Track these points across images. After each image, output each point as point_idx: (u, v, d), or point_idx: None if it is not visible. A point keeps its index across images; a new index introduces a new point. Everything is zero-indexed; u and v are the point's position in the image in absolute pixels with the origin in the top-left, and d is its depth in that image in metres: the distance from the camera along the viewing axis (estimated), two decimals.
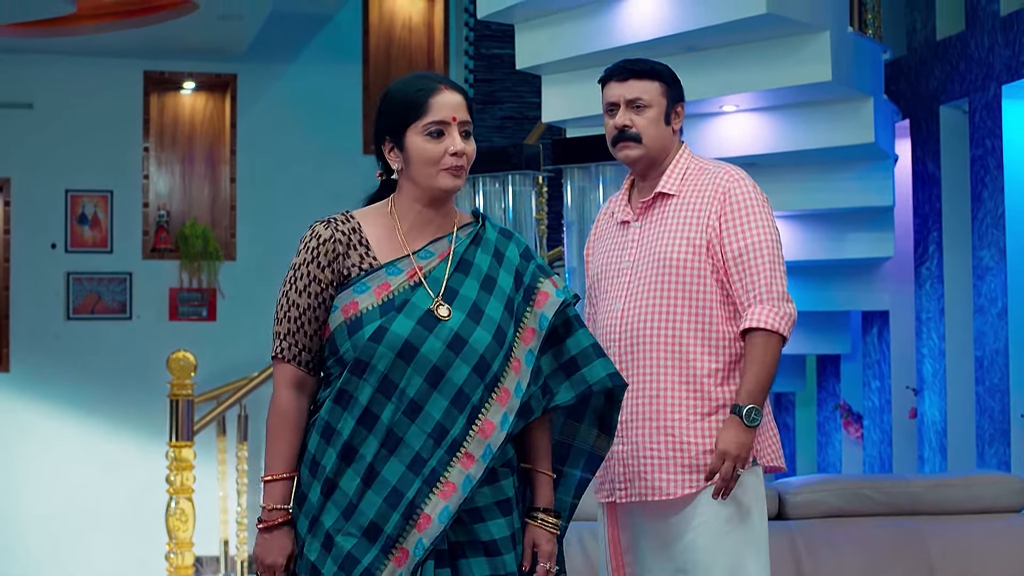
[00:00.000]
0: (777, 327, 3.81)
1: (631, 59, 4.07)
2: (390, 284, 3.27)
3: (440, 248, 3.34)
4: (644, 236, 3.99)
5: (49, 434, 10.68)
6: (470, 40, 11.31)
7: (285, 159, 10.97)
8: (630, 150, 3.99)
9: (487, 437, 3.23)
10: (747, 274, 3.86)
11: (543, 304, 3.38)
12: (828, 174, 7.49)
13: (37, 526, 10.56)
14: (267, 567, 3.26)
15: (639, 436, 3.91)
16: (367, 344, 3.20)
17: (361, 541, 3.18)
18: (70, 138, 10.86)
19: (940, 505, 5.22)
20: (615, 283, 4.00)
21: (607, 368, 3.42)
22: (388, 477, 3.19)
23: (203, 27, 9.90)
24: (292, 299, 3.29)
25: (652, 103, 3.98)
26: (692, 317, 3.88)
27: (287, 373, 3.31)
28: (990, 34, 7.61)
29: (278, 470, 3.28)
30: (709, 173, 4.00)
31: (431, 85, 3.31)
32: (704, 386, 3.88)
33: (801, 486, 5.20)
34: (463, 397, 3.21)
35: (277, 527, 3.27)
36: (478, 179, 7.19)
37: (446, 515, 3.19)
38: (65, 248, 10.87)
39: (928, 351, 8.23)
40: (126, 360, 10.79)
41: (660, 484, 3.87)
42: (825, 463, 9.22)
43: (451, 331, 3.22)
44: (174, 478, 7.30)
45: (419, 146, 3.28)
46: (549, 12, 7.37)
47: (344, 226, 3.32)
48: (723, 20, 6.60)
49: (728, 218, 3.89)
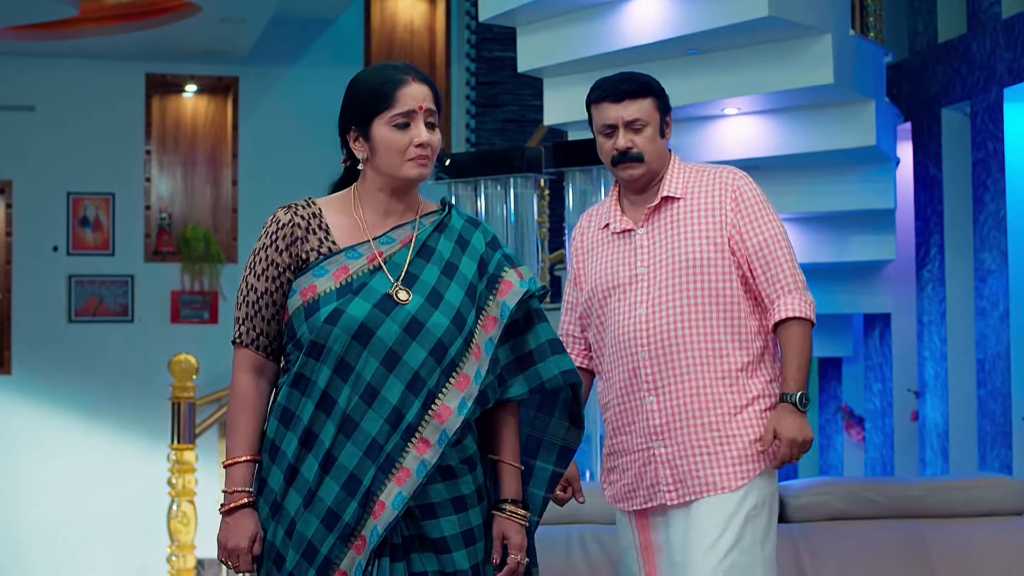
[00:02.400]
0: (808, 315, 3.94)
1: (620, 77, 4.07)
2: (349, 268, 3.26)
3: (402, 234, 3.34)
4: (655, 240, 4.00)
5: (51, 437, 10.68)
6: (472, 43, 11.32)
7: (287, 162, 10.97)
8: (633, 170, 4.01)
9: (443, 422, 3.21)
10: (771, 266, 3.95)
11: (506, 293, 3.38)
12: (830, 177, 7.50)
13: (39, 529, 10.56)
14: (230, 551, 3.23)
15: (684, 436, 3.93)
16: (323, 326, 3.19)
17: (320, 528, 3.17)
18: (72, 141, 10.87)
19: (942, 508, 5.22)
20: (631, 290, 4.00)
21: (561, 365, 3.41)
22: (345, 463, 3.17)
23: (205, 30, 9.90)
24: (251, 283, 3.30)
25: (649, 121, 4.01)
26: (721, 313, 3.94)
27: (246, 357, 3.30)
28: (992, 37, 7.61)
29: (237, 453, 3.26)
30: (709, 174, 4.06)
31: (398, 77, 3.30)
32: (739, 380, 3.94)
33: (803, 489, 5.20)
34: (419, 381, 3.20)
35: (239, 509, 3.24)
36: (480, 182, 7.19)
37: (399, 501, 3.17)
38: (67, 251, 10.87)
39: (930, 354, 8.23)
40: (128, 363, 10.79)
41: (715, 479, 3.90)
42: (827, 466, 9.21)
43: (408, 314, 3.22)
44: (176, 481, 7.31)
45: (385, 137, 3.28)
46: (551, 15, 7.37)
47: (304, 211, 3.32)
48: (725, 23, 6.61)
49: (744, 214, 3.96)
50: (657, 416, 3.94)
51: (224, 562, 3.27)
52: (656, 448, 3.94)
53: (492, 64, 11.34)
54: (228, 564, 3.26)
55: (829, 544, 5.04)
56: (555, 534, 4.91)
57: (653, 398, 3.94)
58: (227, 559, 3.25)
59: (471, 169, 7.25)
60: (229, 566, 3.26)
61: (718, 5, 6.65)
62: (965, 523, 5.19)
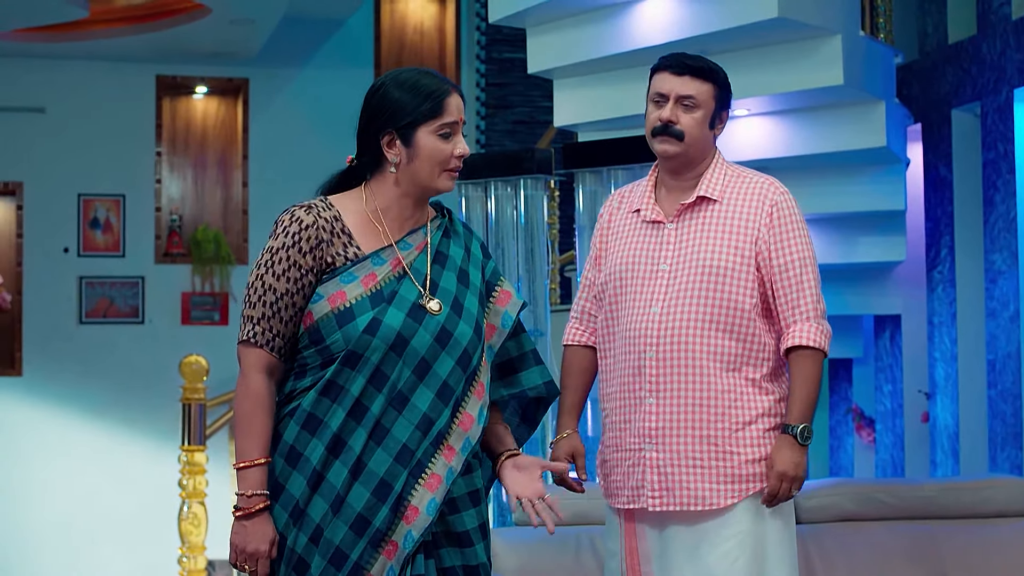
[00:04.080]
0: (822, 345, 3.84)
1: (689, 54, 3.98)
2: (376, 275, 3.27)
3: (417, 240, 3.36)
4: (683, 239, 3.91)
5: (61, 438, 10.70)
6: (482, 44, 11.33)
7: (297, 163, 10.95)
8: (670, 145, 3.90)
9: (467, 430, 3.28)
10: (793, 289, 3.85)
11: (506, 303, 3.45)
12: (840, 178, 7.48)
13: (49, 530, 10.58)
14: (250, 555, 3.22)
15: (679, 444, 3.84)
16: (362, 336, 3.19)
17: (349, 534, 3.17)
18: (83, 142, 10.88)
19: (952, 509, 5.22)
20: (649, 285, 3.91)
21: (544, 376, 3.51)
22: (375, 469, 3.19)
23: (215, 31, 9.92)
24: (269, 283, 3.25)
25: (702, 104, 3.90)
26: (736, 325, 3.84)
27: (259, 358, 3.27)
28: (1002, 38, 7.60)
29: (253, 455, 3.24)
30: (751, 181, 3.97)
31: (444, 86, 3.32)
32: (745, 395, 3.84)
33: (813, 490, 5.20)
34: (448, 389, 3.24)
35: (257, 513, 3.22)
36: (490, 183, 7.19)
37: (433, 507, 3.21)
38: (78, 252, 10.89)
39: (940, 355, 8.22)
40: (138, 364, 10.81)
41: (703, 494, 3.82)
42: (837, 467, 9.20)
43: (438, 324, 3.25)
44: (186, 482, 7.32)
45: (431, 145, 3.29)
46: (561, 16, 7.37)
47: (326, 212, 3.31)
48: (735, 24, 6.61)
49: (777, 231, 3.87)
50: (654, 419, 3.85)
51: (236, 565, 3.27)
52: (648, 451, 3.86)
53: (502, 65, 11.35)
54: (243, 568, 3.25)
55: (840, 545, 5.04)
56: (565, 535, 4.91)
57: (653, 400, 3.85)
58: (244, 563, 3.24)
59: (481, 170, 7.24)
60: (245, 570, 3.25)
61: (728, 6, 6.64)
62: (976, 524, 5.19)
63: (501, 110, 11.37)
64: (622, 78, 7.29)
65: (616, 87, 7.34)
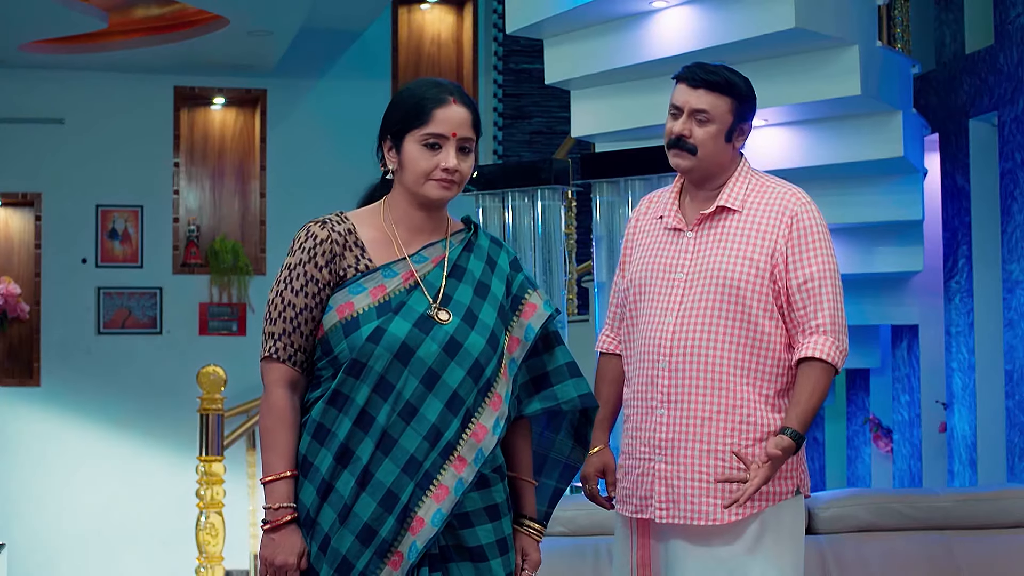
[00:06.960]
0: (836, 360, 3.74)
1: (710, 66, 3.90)
2: (386, 286, 3.27)
3: (434, 253, 3.35)
4: (700, 249, 3.86)
5: (79, 448, 10.72)
6: (499, 55, 11.34)
7: (314, 174, 10.99)
8: (682, 159, 3.87)
9: (480, 441, 3.25)
10: (811, 303, 3.76)
11: (530, 315, 3.41)
12: (857, 188, 7.47)
13: (68, 540, 10.60)
14: (278, 567, 3.22)
15: (687, 457, 3.80)
16: (365, 344, 3.19)
17: (355, 544, 3.17)
18: (101, 153, 10.91)
19: (970, 520, 5.21)
20: (665, 294, 3.87)
21: (580, 389, 3.46)
22: (382, 479, 3.18)
23: (233, 43, 9.94)
24: (288, 299, 3.27)
25: (715, 119, 3.84)
26: (752, 339, 3.78)
27: (282, 373, 3.29)
28: (1019, 47, 7.60)
29: (279, 468, 3.25)
30: (773, 191, 3.90)
31: (440, 96, 3.30)
32: (758, 411, 3.78)
33: (830, 500, 5.19)
34: (457, 400, 3.23)
35: (285, 525, 3.24)
36: (507, 194, 7.21)
37: (439, 518, 3.20)
38: (96, 263, 10.92)
39: (958, 365, 8.20)
40: (156, 375, 10.83)
41: (708, 509, 3.77)
42: (855, 477, 9.19)
43: (447, 334, 3.24)
44: (204, 492, 7.32)
45: (414, 154, 3.29)
46: (578, 27, 7.38)
47: (340, 226, 3.32)
48: (752, 34, 6.61)
49: (795, 244, 3.81)
50: (664, 430, 3.82)
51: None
52: (657, 462, 3.83)
53: (519, 76, 11.36)
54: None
55: (857, 556, 5.04)
56: (583, 545, 4.92)
57: (664, 411, 3.82)
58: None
59: (499, 181, 7.26)
60: None
61: (745, 17, 6.64)
62: (993, 535, 5.18)
63: (518, 121, 11.38)
64: (639, 89, 7.30)
65: (633, 98, 7.34)
